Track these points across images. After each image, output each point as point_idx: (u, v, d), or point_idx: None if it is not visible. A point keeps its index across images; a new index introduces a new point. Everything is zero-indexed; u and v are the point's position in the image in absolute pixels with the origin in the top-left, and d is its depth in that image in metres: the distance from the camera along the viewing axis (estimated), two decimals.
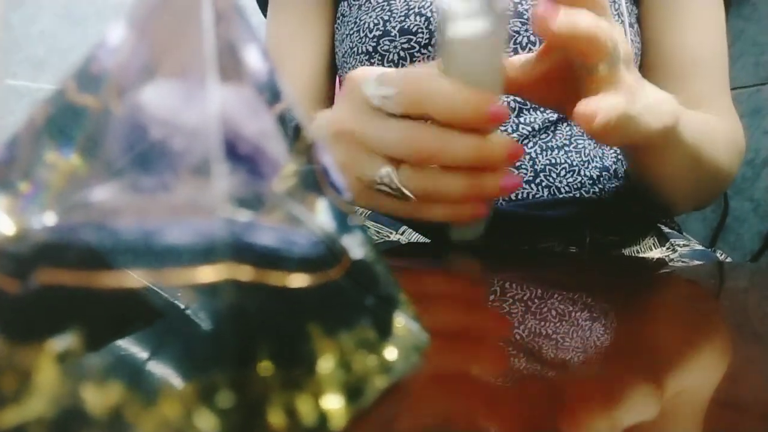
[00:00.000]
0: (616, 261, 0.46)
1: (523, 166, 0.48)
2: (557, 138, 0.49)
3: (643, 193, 0.51)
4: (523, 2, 0.51)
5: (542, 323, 0.21)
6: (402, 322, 0.15)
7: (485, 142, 0.32)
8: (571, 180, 0.49)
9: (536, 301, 0.26)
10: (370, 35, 0.53)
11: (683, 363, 0.18)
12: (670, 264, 0.44)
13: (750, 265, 0.76)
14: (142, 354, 0.10)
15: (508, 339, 0.19)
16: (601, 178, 0.50)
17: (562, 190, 0.48)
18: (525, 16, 0.50)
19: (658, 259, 0.48)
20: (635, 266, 0.43)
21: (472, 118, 0.31)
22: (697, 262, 0.46)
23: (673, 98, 0.40)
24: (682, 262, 0.47)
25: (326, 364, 0.11)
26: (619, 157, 0.52)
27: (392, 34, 0.52)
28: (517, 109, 0.50)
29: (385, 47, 0.53)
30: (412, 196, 0.33)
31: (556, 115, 0.50)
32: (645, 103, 0.36)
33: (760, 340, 0.22)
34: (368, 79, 0.33)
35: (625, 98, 0.32)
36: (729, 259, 0.52)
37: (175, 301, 0.10)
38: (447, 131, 0.32)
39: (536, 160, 0.48)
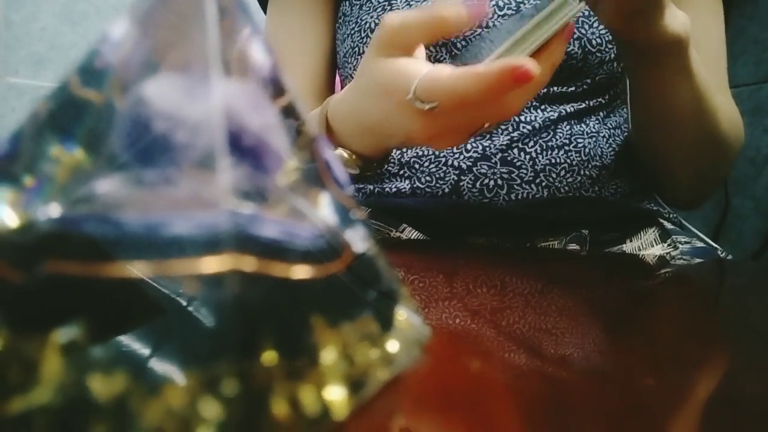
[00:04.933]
0: (617, 259, 0.46)
1: (524, 166, 0.48)
2: (557, 137, 0.49)
3: (644, 148, 0.51)
4: None
5: (541, 319, 0.21)
6: (404, 315, 0.15)
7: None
8: (570, 180, 0.49)
9: (536, 296, 0.26)
10: (372, 35, 0.53)
11: (683, 361, 0.18)
12: (671, 262, 0.44)
13: (751, 264, 0.76)
14: (146, 344, 0.10)
15: (507, 334, 0.19)
16: (601, 177, 0.50)
17: (562, 190, 0.48)
18: None
19: (659, 257, 0.48)
20: (636, 264, 0.43)
21: (509, 96, 0.31)
22: (698, 260, 0.46)
23: (689, 21, 0.41)
24: (683, 259, 0.47)
25: (329, 356, 0.11)
26: (619, 153, 0.51)
27: None
28: None
29: None
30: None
31: (556, 114, 0.50)
32: (668, 2, 0.38)
33: (761, 339, 0.22)
34: (409, 90, 0.32)
35: None
36: (730, 257, 0.52)
37: (180, 293, 0.10)
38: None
39: (536, 159, 0.48)
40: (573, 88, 0.51)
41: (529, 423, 0.13)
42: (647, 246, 0.50)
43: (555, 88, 0.50)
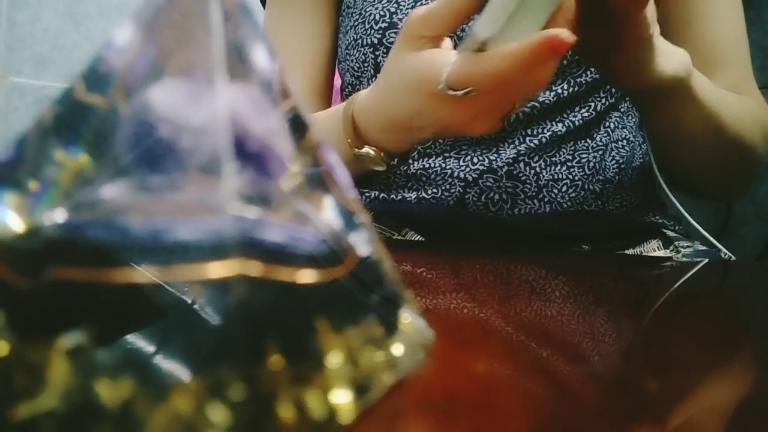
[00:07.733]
0: (619, 259, 0.46)
1: (528, 181, 0.48)
2: (562, 153, 0.49)
3: (669, 166, 0.52)
4: None
5: (545, 316, 0.21)
6: (408, 319, 0.15)
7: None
8: (573, 195, 0.49)
9: (537, 296, 0.26)
10: (376, 27, 0.53)
11: (684, 361, 0.18)
12: (674, 259, 0.44)
13: (753, 264, 0.76)
14: (152, 349, 0.10)
15: (513, 327, 0.19)
16: (605, 191, 0.50)
17: (564, 205, 0.48)
18: None
19: (661, 257, 0.48)
20: (637, 264, 0.43)
21: (541, 67, 0.31)
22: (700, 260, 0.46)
23: (687, 56, 0.41)
24: (686, 258, 0.47)
25: (335, 360, 0.12)
26: (623, 167, 0.51)
27: (399, 26, 0.51)
28: (525, 120, 0.49)
29: (391, 39, 0.52)
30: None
31: (564, 128, 0.49)
32: (660, 46, 0.38)
33: (761, 336, 0.22)
34: (439, 79, 0.33)
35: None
36: (733, 258, 0.52)
37: (185, 297, 0.10)
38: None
39: (540, 175, 0.48)
40: (579, 88, 0.50)
41: (534, 425, 0.13)
42: (649, 251, 0.50)
43: (564, 86, 0.50)
